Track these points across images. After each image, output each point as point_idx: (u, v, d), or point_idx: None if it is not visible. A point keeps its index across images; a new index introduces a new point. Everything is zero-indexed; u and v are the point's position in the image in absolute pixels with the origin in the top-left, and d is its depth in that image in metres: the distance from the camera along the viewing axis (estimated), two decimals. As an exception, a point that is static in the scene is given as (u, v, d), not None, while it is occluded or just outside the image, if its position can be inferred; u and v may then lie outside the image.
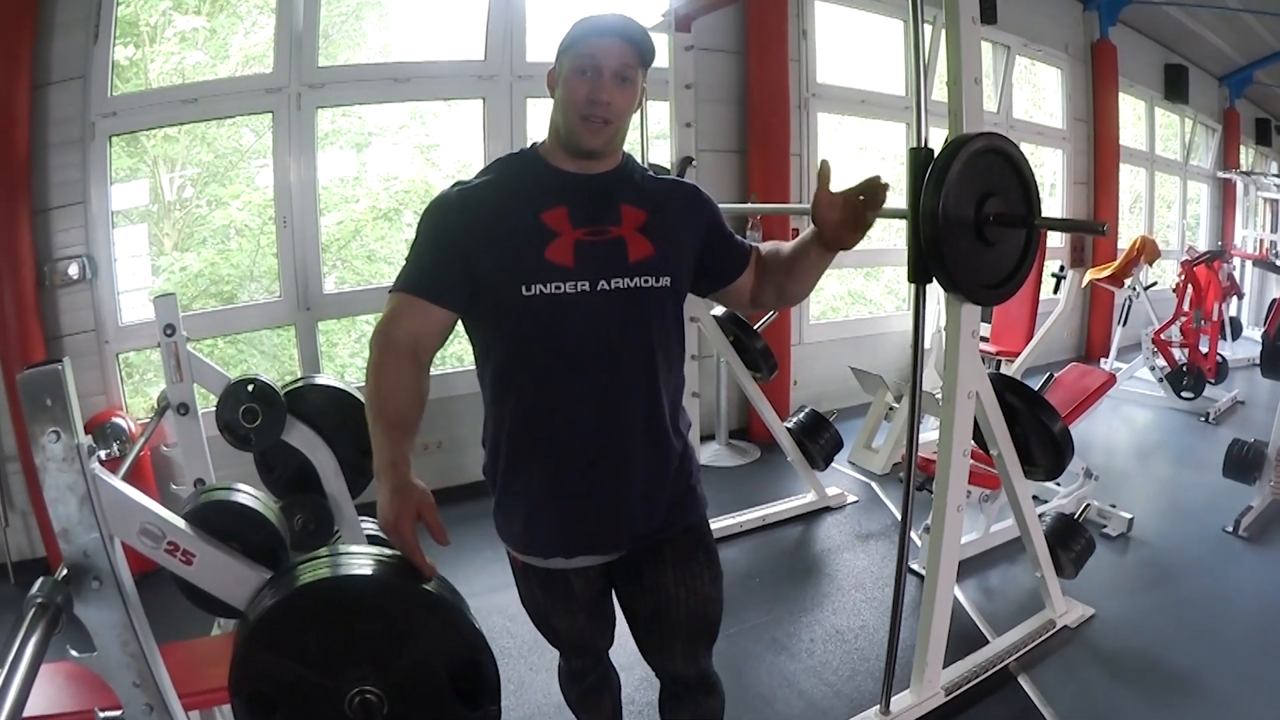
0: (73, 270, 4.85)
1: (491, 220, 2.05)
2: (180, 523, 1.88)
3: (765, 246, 2.39)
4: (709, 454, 6.64)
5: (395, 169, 7.80)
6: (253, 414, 3.36)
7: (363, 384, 2.06)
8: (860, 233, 2.16)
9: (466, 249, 2.03)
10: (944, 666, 3.48)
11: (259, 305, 6.06)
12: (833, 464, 5.70)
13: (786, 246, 2.33)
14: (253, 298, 6.69)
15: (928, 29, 6.95)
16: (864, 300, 9.84)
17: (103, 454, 4.47)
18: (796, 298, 2.43)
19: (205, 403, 3.57)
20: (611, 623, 2.52)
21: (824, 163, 2.15)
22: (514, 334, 2.08)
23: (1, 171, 4.51)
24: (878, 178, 2.09)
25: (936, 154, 2.78)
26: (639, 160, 2.32)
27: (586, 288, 2.02)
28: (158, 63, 6.09)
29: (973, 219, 2.83)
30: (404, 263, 2.13)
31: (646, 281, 2.08)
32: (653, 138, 5.52)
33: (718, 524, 5.13)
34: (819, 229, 2.17)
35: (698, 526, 2.35)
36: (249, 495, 2.44)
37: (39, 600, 1.65)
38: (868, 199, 2.09)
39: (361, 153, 7.47)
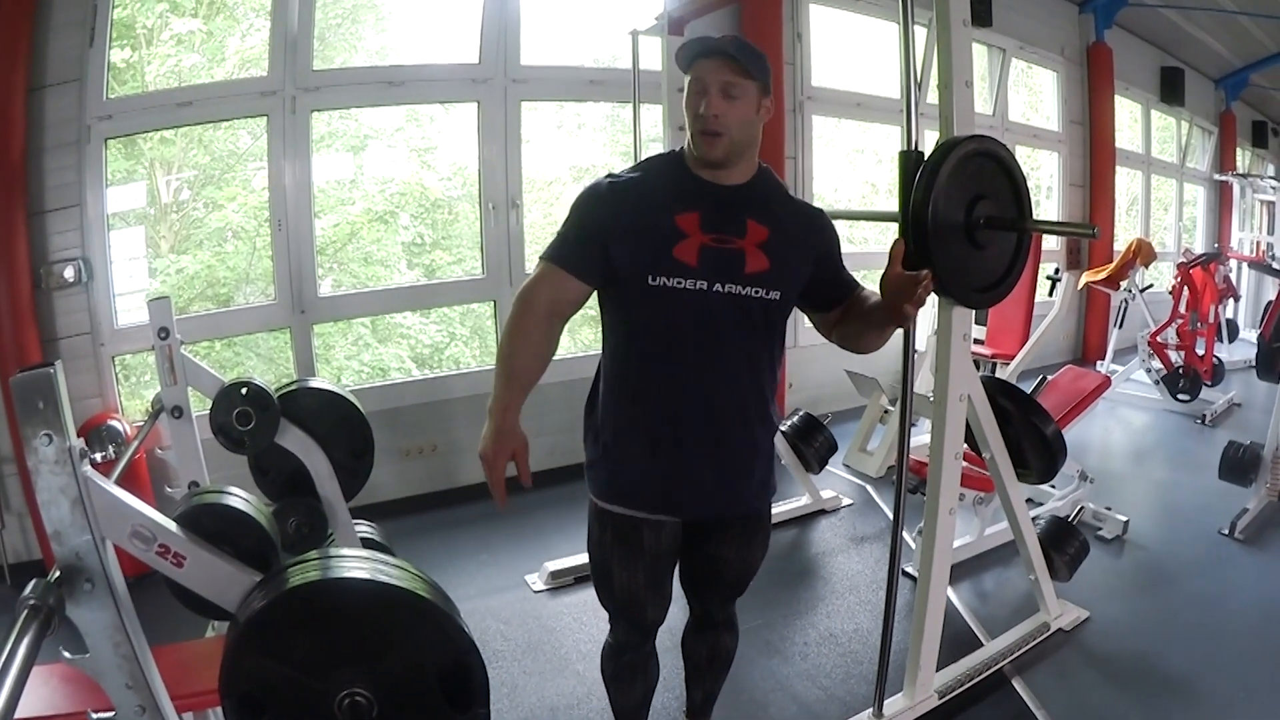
0: (68, 273, 4.84)
1: (633, 213, 2.32)
2: (171, 525, 1.89)
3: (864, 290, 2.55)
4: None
5: (391, 171, 7.80)
6: (246, 417, 3.37)
7: (357, 388, 2.18)
8: (904, 320, 2.31)
9: (609, 235, 2.31)
10: (937, 669, 3.48)
11: (254, 308, 6.04)
12: (828, 467, 5.70)
13: (870, 301, 2.46)
14: (248, 301, 6.69)
15: (921, 31, 6.96)
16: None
17: (98, 456, 4.51)
18: (856, 349, 2.56)
19: (201, 406, 3.58)
20: (666, 599, 2.69)
21: (897, 242, 2.37)
22: (635, 316, 2.37)
23: (-2, 174, 4.52)
24: (927, 274, 2.20)
25: (926, 157, 2.78)
26: (777, 176, 2.54)
27: (704, 287, 2.28)
28: (154, 65, 6.10)
29: (963, 222, 2.83)
30: (554, 236, 2.40)
31: (757, 293, 2.32)
32: (647, 140, 5.52)
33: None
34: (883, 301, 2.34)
35: (765, 510, 2.68)
36: (240, 498, 2.44)
37: (31, 602, 1.66)
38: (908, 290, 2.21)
39: (358, 155, 7.48)
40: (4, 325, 4.59)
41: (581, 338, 7.26)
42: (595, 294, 2.43)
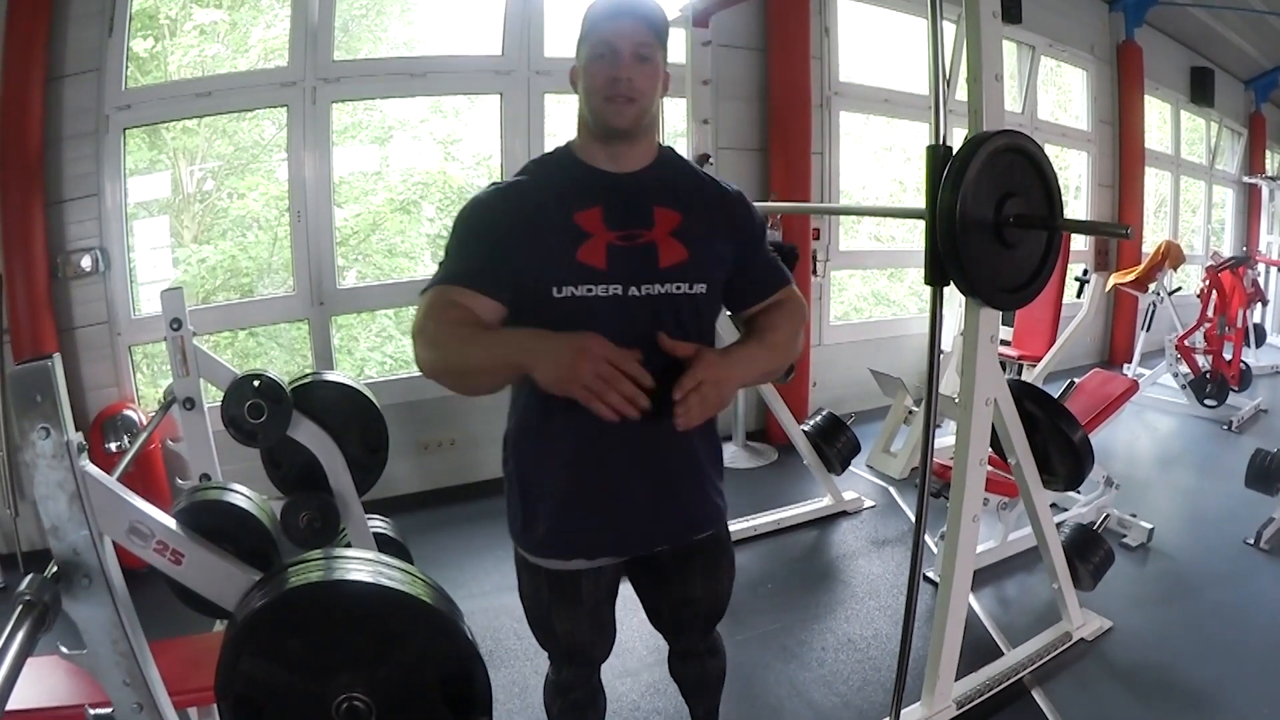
0: (85, 262, 4.86)
1: (526, 219, 2.01)
2: (170, 522, 1.86)
3: (765, 311, 2.25)
4: (725, 456, 6.49)
5: (415, 163, 7.78)
6: (258, 409, 3.34)
7: (379, 380, 2.03)
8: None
9: (504, 247, 1.99)
10: (957, 678, 3.42)
11: (273, 299, 6.04)
12: (851, 468, 5.64)
13: (765, 331, 2.19)
14: (269, 291, 6.69)
15: (950, 27, 6.88)
16: (887, 301, 9.78)
17: (112, 446, 4.53)
18: None
19: (214, 397, 3.56)
20: (611, 634, 2.52)
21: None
22: None
23: (15, 163, 4.54)
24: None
25: (955, 152, 2.72)
26: (683, 156, 2.29)
27: (619, 291, 1.99)
28: (176, 55, 6.09)
29: (992, 220, 2.76)
30: (438, 266, 2.07)
31: (679, 288, 2.04)
32: (673, 135, 5.46)
33: (732, 526, 5.05)
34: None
35: (723, 531, 2.44)
36: (242, 496, 2.42)
37: (26, 598, 1.65)
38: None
39: (383, 146, 7.46)
40: (20, 314, 4.62)
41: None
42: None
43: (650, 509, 2.17)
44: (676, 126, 5.73)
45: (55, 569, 1.74)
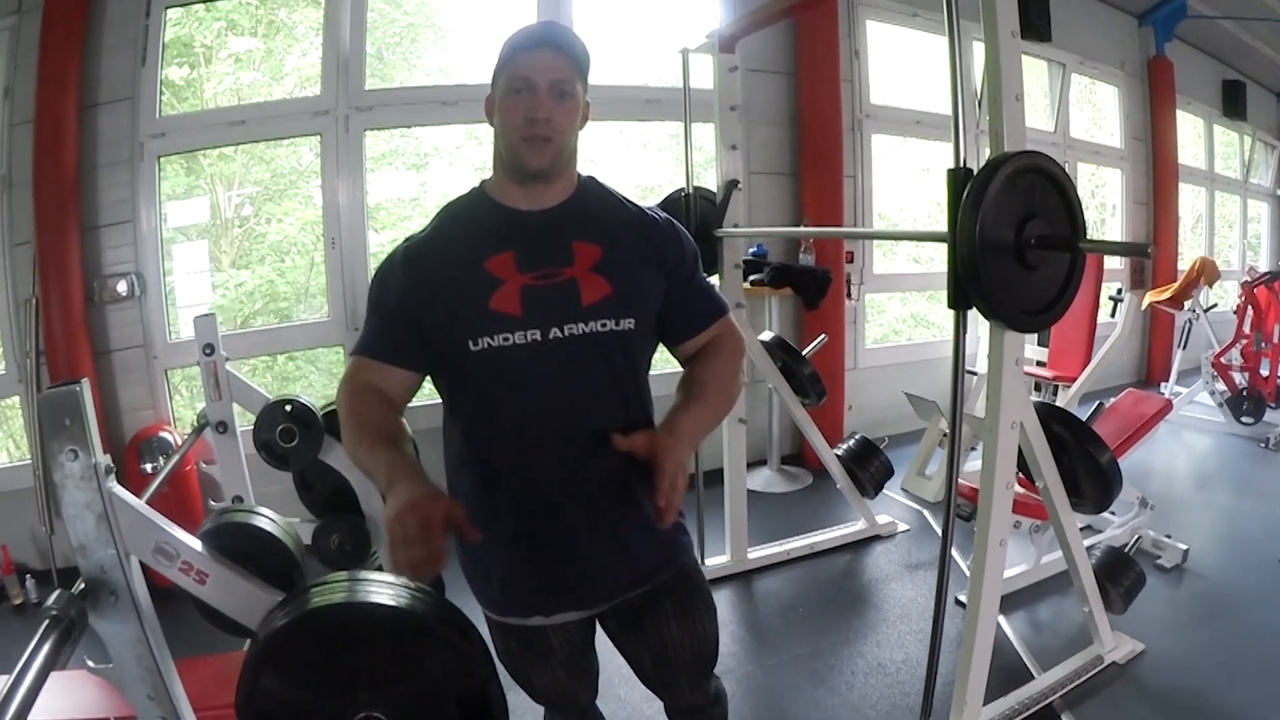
0: (121, 287, 4.96)
1: (434, 273, 1.95)
2: (195, 543, 1.90)
3: (700, 359, 2.18)
4: (760, 480, 6.54)
5: (451, 189, 7.84)
6: (290, 434, 3.39)
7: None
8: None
9: (412, 308, 1.94)
10: (985, 703, 3.38)
11: (309, 325, 6.13)
12: (885, 491, 5.62)
13: (686, 385, 2.13)
14: (306, 316, 6.76)
15: (979, 47, 6.88)
16: (927, 323, 9.73)
17: (148, 467, 4.59)
18: None
19: (250, 421, 3.61)
20: (594, 677, 2.46)
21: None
22: (468, 394, 2.00)
23: (51, 190, 4.65)
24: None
25: (974, 174, 2.71)
26: (607, 184, 2.17)
27: (538, 337, 1.90)
28: (212, 82, 6.18)
29: (1013, 242, 2.75)
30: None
31: (605, 325, 1.95)
32: (707, 160, 5.48)
33: (764, 551, 5.13)
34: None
35: (689, 568, 2.26)
36: (266, 518, 2.45)
37: (53, 613, 1.70)
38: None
39: (420, 173, 7.52)
40: (56, 337, 4.70)
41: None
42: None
43: (599, 560, 2.06)
44: (709, 150, 5.75)
45: (83, 586, 1.78)
